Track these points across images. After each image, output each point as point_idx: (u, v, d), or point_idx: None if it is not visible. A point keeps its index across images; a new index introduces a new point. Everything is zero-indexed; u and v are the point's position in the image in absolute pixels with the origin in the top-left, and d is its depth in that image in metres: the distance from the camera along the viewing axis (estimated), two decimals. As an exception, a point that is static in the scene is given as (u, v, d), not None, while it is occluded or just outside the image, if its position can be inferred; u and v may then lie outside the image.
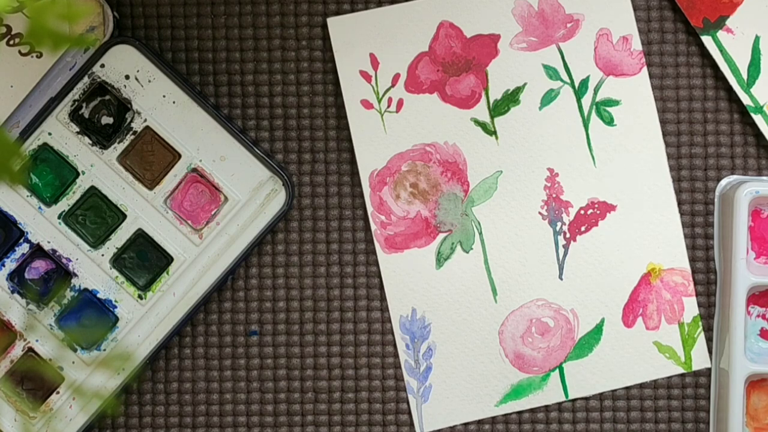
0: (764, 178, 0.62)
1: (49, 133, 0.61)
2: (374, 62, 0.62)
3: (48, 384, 0.61)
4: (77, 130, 0.61)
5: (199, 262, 0.61)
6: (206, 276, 0.61)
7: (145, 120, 0.61)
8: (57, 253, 0.61)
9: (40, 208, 0.61)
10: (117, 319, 0.61)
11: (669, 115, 0.62)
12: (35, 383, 0.61)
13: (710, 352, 0.62)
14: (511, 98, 0.62)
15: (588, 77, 0.62)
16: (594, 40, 0.62)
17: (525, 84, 0.62)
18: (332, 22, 0.62)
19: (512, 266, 0.62)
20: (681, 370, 0.62)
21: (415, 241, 0.62)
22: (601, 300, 0.62)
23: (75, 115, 0.61)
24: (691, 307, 0.62)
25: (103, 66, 0.61)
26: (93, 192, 0.61)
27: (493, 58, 0.62)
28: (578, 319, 0.62)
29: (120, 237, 0.61)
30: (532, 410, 0.62)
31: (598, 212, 0.62)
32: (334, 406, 0.62)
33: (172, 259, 0.61)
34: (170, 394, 0.62)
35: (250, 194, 0.61)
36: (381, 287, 0.62)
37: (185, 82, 0.61)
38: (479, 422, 0.62)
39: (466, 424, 0.62)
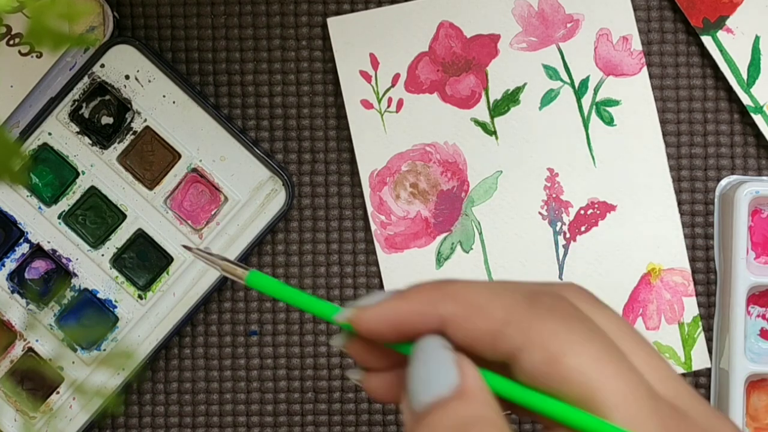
0: (764, 178, 0.62)
1: (49, 133, 0.61)
2: (374, 62, 0.62)
3: (48, 384, 0.61)
4: (77, 130, 0.61)
5: (199, 261, 0.61)
6: (206, 276, 0.61)
7: (145, 120, 0.61)
8: (57, 253, 0.61)
9: (40, 208, 0.61)
10: (117, 319, 0.61)
11: (669, 115, 0.62)
12: (35, 383, 0.61)
13: (710, 352, 0.62)
14: (511, 98, 0.62)
15: (588, 77, 0.62)
16: (594, 40, 0.62)
17: (525, 84, 0.62)
18: (332, 22, 0.62)
19: (512, 266, 0.62)
20: (681, 370, 0.62)
21: (415, 241, 0.62)
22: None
23: (75, 115, 0.61)
24: (691, 307, 0.62)
25: (103, 66, 0.61)
26: (93, 192, 0.61)
27: (493, 58, 0.62)
28: (578, 319, 0.62)
29: (120, 237, 0.61)
30: (532, 410, 0.62)
31: (598, 212, 0.62)
32: (334, 406, 0.62)
33: (172, 259, 0.61)
34: (170, 394, 0.62)
35: (250, 194, 0.61)
36: (381, 287, 0.62)
37: (185, 82, 0.61)
38: (479, 422, 0.62)
39: (466, 424, 0.62)
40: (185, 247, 0.49)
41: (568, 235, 0.62)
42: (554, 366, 0.38)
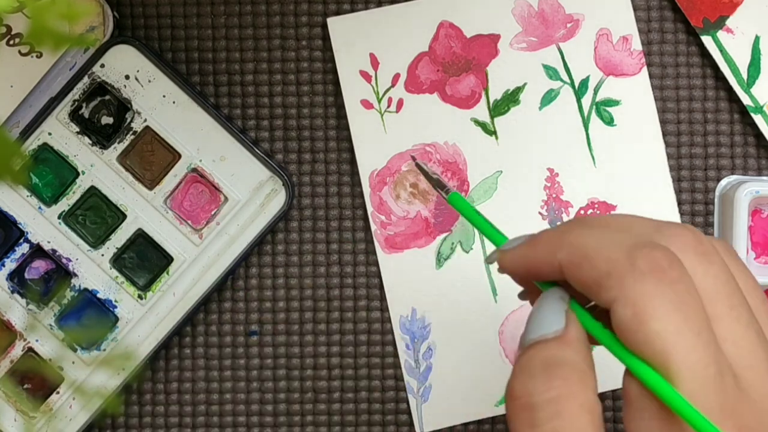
0: (764, 178, 0.62)
1: (49, 133, 0.61)
2: (374, 62, 0.62)
3: (48, 384, 0.61)
4: (77, 130, 0.61)
5: (199, 262, 0.61)
6: (206, 276, 0.61)
7: (145, 120, 0.61)
8: (57, 253, 0.61)
9: (40, 208, 0.61)
10: (117, 319, 0.61)
11: (669, 115, 0.62)
12: (35, 383, 0.61)
13: (710, 352, 0.62)
14: (511, 98, 0.62)
15: (588, 77, 0.62)
16: (594, 40, 0.62)
17: (525, 84, 0.62)
18: (332, 22, 0.62)
19: (512, 266, 0.62)
20: (681, 370, 0.62)
21: (415, 241, 0.62)
22: (601, 300, 0.62)
23: (75, 115, 0.61)
24: (691, 307, 0.62)
25: (103, 66, 0.61)
26: (93, 192, 0.61)
27: (493, 58, 0.62)
28: (578, 319, 0.62)
29: (120, 237, 0.61)
30: (532, 410, 0.62)
31: (598, 212, 0.62)
32: (334, 406, 0.62)
33: (172, 259, 0.61)
34: (170, 394, 0.62)
35: (250, 194, 0.61)
36: (381, 287, 0.62)
37: (185, 82, 0.61)
38: (479, 422, 0.62)
39: (466, 424, 0.62)
40: (412, 157, 0.56)
41: (568, 235, 0.62)
42: (640, 326, 0.42)
